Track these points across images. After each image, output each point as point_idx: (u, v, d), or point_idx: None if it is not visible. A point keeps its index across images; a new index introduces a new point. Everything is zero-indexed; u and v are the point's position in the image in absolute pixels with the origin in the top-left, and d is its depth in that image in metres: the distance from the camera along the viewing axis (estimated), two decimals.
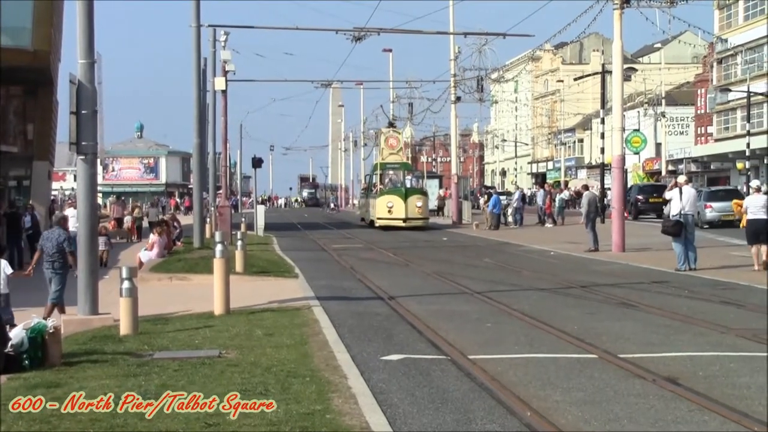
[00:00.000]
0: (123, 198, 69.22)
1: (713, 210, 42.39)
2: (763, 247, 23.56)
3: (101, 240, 24.08)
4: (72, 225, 25.75)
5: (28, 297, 17.62)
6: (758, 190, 24.86)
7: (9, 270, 15.91)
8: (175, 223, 37.35)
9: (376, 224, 49.51)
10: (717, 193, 45.33)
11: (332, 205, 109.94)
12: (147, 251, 28.75)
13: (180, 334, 14.06)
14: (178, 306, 17.91)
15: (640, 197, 53.19)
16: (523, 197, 55.16)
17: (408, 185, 53.19)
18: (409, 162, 62.32)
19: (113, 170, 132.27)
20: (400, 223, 47.90)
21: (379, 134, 59.55)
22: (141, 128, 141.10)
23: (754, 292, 19.04)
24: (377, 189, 52.77)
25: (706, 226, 40.06)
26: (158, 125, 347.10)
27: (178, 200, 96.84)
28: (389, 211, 48.47)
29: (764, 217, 23.53)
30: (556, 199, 52.90)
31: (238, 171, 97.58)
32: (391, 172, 55.63)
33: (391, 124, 59.33)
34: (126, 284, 14.45)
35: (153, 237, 29.61)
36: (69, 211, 26.20)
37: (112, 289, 16.74)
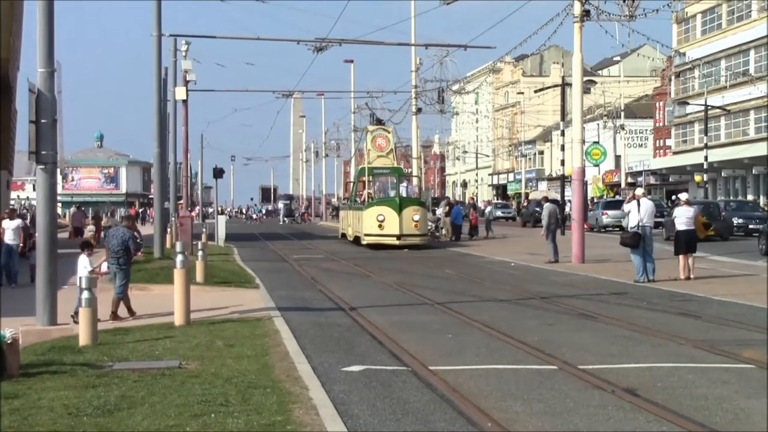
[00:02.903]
0: (83, 208, 68.74)
1: (608, 216, 52.47)
2: (690, 258, 24.38)
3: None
4: (7, 238, 25.55)
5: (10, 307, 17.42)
6: (687, 202, 25.55)
7: (89, 266, 17.70)
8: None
9: (364, 242, 41.36)
10: (611, 203, 55.64)
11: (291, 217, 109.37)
12: (105, 261, 28.49)
13: (140, 345, 13.98)
14: (138, 316, 17.82)
15: (538, 209, 57.56)
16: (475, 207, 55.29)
17: (403, 194, 45.00)
18: (401, 166, 51.35)
19: (73, 180, 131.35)
20: (393, 241, 40.22)
21: (365, 133, 49.99)
22: (101, 138, 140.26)
23: (711, 304, 19.24)
24: (364, 198, 45.11)
25: (603, 230, 46.60)
26: (119, 135, 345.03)
27: (138, 210, 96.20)
28: (380, 226, 40.45)
29: (693, 227, 24.55)
30: (487, 211, 53.12)
31: (199, 181, 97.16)
32: (380, 178, 47.87)
33: (378, 121, 50.97)
34: (85, 294, 14.35)
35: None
36: (4, 223, 25.99)
37: (71, 300, 16.61)
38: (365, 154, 48.33)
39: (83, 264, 17.96)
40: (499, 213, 75.01)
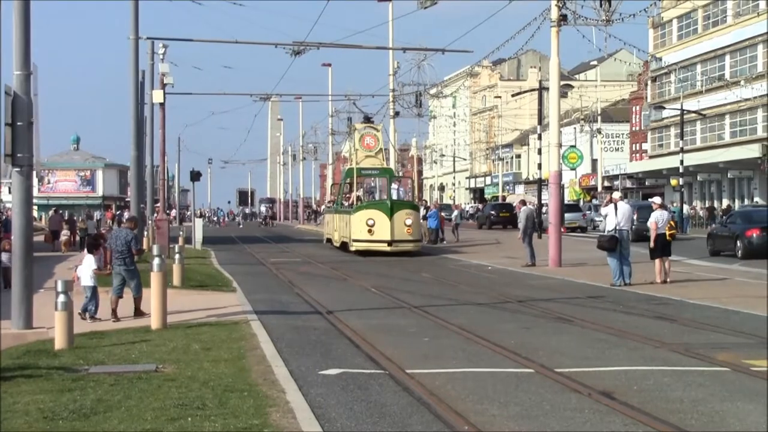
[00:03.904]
0: (60, 211, 68.40)
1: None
2: (666, 262, 24.56)
3: (4, 256, 23.85)
4: None
5: None
6: (662, 206, 25.68)
7: (94, 265, 18.01)
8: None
9: (352, 248, 38.79)
10: (567, 206, 58.30)
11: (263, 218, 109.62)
12: (81, 266, 28.38)
13: (116, 349, 13.94)
14: (113, 322, 17.77)
15: (492, 212, 69.40)
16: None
17: (394, 196, 42.53)
18: (392, 167, 48.59)
19: (49, 182, 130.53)
20: (384, 247, 37.84)
21: (352, 131, 47.12)
22: (77, 140, 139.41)
23: (686, 307, 19.34)
24: (352, 201, 42.40)
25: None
26: (95, 137, 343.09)
27: (114, 213, 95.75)
28: (370, 231, 37.89)
29: (665, 232, 24.57)
30: (453, 216, 53.26)
31: (176, 184, 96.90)
32: (370, 179, 45.88)
33: (367, 119, 47.67)
34: (61, 298, 14.29)
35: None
36: None
37: (47, 303, 16.53)
38: (353, 153, 45.41)
39: (89, 263, 18.15)
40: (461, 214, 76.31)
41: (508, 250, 38.12)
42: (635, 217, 24.71)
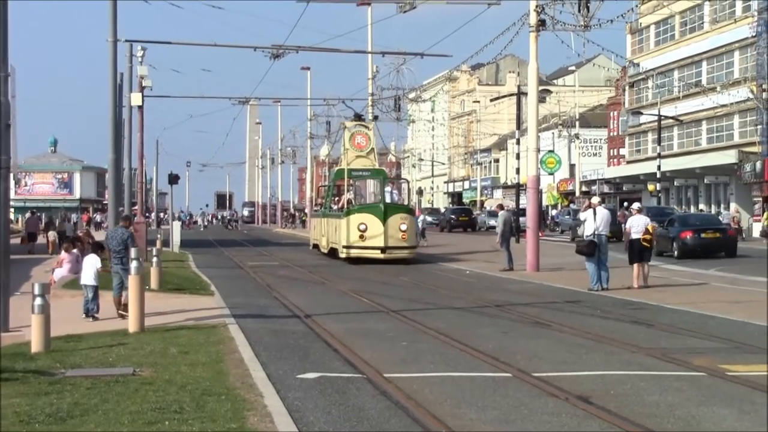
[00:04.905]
0: (38, 213, 68.06)
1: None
2: (645, 267, 24.70)
3: None
4: None
5: None
6: (640, 211, 25.89)
7: (99, 265, 18.32)
8: (89, 240, 36.82)
9: (342, 254, 36.42)
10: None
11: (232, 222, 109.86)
12: (58, 269, 28.29)
13: (93, 352, 13.87)
14: (91, 323, 17.71)
15: (452, 216, 75.93)
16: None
17: (388, 199, 39.63)
18: (384, 168, 45.12)
19: (26, 185, 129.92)
20: (377, 254, 35.42)
21: (342, 129, 44.52)
22: (55, 143, 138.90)
23: (663, 312, 19.43)
24: (342, 204, 39.55)
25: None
26: (73, 140, 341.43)
27: (90, 216, 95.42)
28: (361, 237, 35.56)
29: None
30: (420, 219, 53.48)
31: (154, 187, 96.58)
32: (363, 181, 42.46)
33: (358, 116, 45.15)
34: (38, 301, 14.21)
35: (62, 254, 29.16)
36: None
37: (23, 306, 16.46)
38: (342, 153, 42.96)
39: (92, 262, 18.33)
40: (429, 219, 77.09)
41: (487, 255, 38.16)
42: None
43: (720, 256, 36.31)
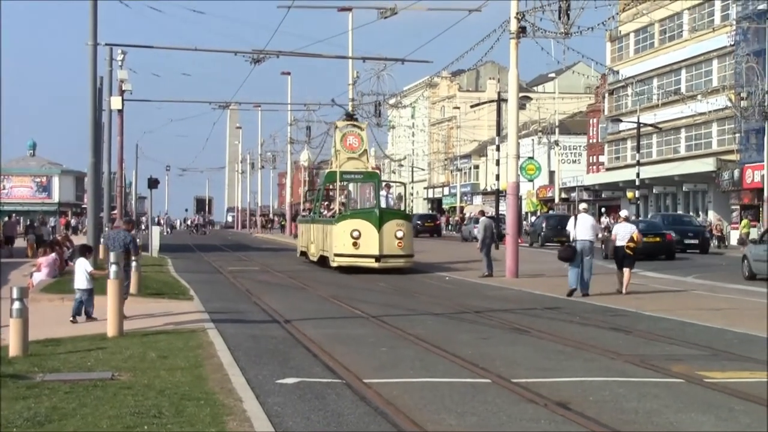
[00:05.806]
0: (16, 217, 67.83)
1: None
2: (627, 273, 24.85)
3: None
4: None
5: None
6: (626, 219, 26.10)
7: (90, 268, 18.16)
8: (68, 243, 36.72)
9: (334, 263, 34.03)
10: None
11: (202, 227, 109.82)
12: (37, 273, 28.20)
13: (72, 356, 13.81)
14: (70, 327, 17.62)
15: (419, 222, 74.58)
16: None
17: (383, 204, 36.16)
18: (378, 171, 43.99)
19: (4, 188, 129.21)
20: (371, 263, 33.19)
21: (333, 130, 42.20)
22: (34, 146, 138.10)
23: (642, 319, 19.51)
24: (335, 210, 37.66)
25: (475, 239, 45.07)
26: (52, 143, 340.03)
27: (69, 220, 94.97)
28: (354, 245, 33.22)
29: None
30: None
31: (134, 191, 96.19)
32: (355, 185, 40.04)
33: (349, 116, 43.15)
34: (16, 305, 14.14)
35: (40, 258, 29.10)
36: None
37: (1, 310, 16.36)
38: (333, 155, 40.29)
39: (83, 266, 18.23)
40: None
41: (466, 261, 38.23)
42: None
43: (660, 258, 39.84)
